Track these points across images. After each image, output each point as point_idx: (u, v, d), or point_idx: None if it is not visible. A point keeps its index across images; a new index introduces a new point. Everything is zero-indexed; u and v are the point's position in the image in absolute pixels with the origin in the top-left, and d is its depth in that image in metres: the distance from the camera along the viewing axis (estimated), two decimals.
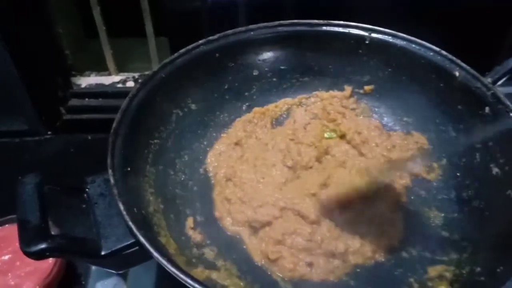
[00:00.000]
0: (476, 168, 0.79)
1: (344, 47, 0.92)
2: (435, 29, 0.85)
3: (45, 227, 0.60)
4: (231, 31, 0.90)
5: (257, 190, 0.80)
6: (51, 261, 0.80)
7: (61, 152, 1.10)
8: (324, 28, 0.91)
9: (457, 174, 0.80)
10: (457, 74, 0.83)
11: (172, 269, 0.57)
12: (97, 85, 1.22)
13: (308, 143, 0.86)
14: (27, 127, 1.11)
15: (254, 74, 0.94)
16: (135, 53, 1.27)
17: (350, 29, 0.91)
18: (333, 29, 0.91)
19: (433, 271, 0.72)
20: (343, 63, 0.94)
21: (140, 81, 0.80)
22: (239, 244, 0.76)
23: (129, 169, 0.70)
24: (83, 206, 0.69)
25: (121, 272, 0.77)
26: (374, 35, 0.90)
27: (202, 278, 0.67)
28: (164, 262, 0.57)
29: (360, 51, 0.91)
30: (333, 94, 0.96)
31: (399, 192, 0.81)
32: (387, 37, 0.89)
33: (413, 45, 0.87)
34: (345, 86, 0.95)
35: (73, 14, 1.21)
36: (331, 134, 0.89)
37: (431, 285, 0.70)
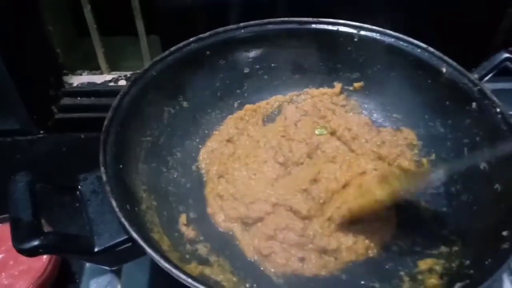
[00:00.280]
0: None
1: (333, 45, 0.92)
2: (423, 26, 0.86)
3: (37, 224, 0.60)
4: (222, 29, 0.91)
5: (249, 186, 0.80)
6: (45, 260, 0.79)
7: (53, 151, 1.09)
8: (313, 26, 0.92)
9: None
10: (444, 70, 0.84)
11: (165, 265, 0.57)
12: (89, 83, 1.21)
13: (299, 139, 0.87)
14: (19, 126, 1.10)
15: (245, 71, 0.95)
16: (126, 52, 1.26)
17: (339, 27, 0.92)
18: (322, 27, 0.92)
19: (423, 264, 0.72)
20: (332, 60, 0.95)
21: (131, 79, 0.80)
22: (232, 240, 0.76)
23: (121, 167, 0.70)
24: (76, 204, 0.69)
25: (114, 268, 0.77)
26: (362, 32, 0.91)
27: (195, 274, 0.67)
28: (157, 258, 0.58)
29: (349, 48, 0.92)
30: (323, 91, 0.97)
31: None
32: (375, 35, 0.90)
33: (401, 42, 0.88)
34: (335, 83, 0.96)
35: (64, 12, 1.20)
36: (321, 130, 0.89)
37: (421, 278, 0.71)
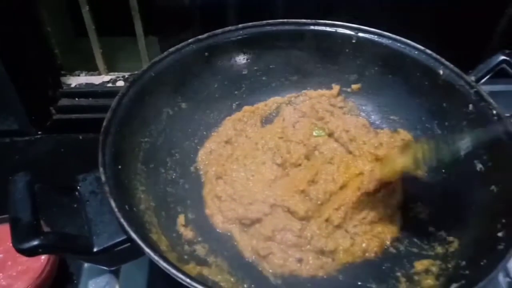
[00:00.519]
0: (460, 164, 0.81)
1: (331, 46, 0.93)
2: (420, 28, 0.86)
3: (37, 224, 0.60)
4: (220, 30, 0.91)
5: (247, 187, 0.81)
6: (43, 260, 0.79)
7: (52, 152, 1.09)
8: (311, 27, 0.92)
9: (443, 170, 0.81)
10: (441, 72, 0.84)
11: (164, 265, 0.57)
12: (87, 84, 1.21)
13: (297, 141, 0.87)
14: (17, 127, 1.10)
15: (243, 73, 0.95)
16: (124, 52, 1.26)
17: (337, 29, 0.92)
18: (320, 28, 0.92)
19: (420, 265, 0.73)
20: (330, 62, 0.95)
21: (129, 80, 0.80)
22: (230, 240, 0.77)
23: (120, 167, 0.71)
24: (75, 204, 0.69)
25: (113, 268, 0.77)
26: (360, 34, 0.91)
27: (193, 274, 0.67)
28: (156, 258, 0.58)
29: (347, 50, 0.93)
30: (321, 92, 0.97)
31: (398, 191, 0.82)
32: (373, 36, 0.90)
33: (399, 44, 0.89)
34: (333, 85, 0.97)
35: (62, 13, 1.20)
36: (319, 132, 0.89)
37: (417, 279, 0.71)
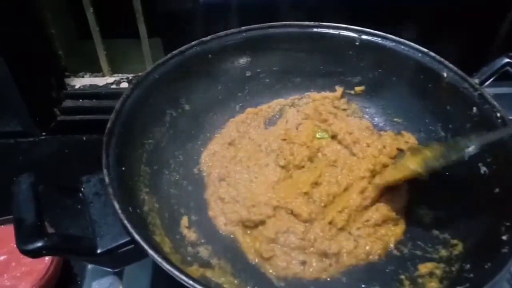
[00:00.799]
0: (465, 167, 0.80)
1: (334, 49, 0.93)
2: (424, 30, 0.86)
3: (41, 226, 0.60)
4: (224, 33, 0.91)
5: (250, 189, 0.81)
6: (47, 262, 0.79)
7: (56, 153, 1.09)
8: (315, 29, 0.93)
9: (446, 173, 0.80)
10: (445, 75, 0.84)
11: (167, 267, 0.57)
12: (91, 86, 1.22)
13: (300, 143, 0.87)
14: (21, 128, 1.10)
15: (246, 75, 0.95)
16: (128, 54, 1.27)
17: (340, 31, 0.92)
18: (323, 30, 0.92)
19: (424, 268, 0.73)
20: (334, 64, 0.95)
21: (133, 81, 0.80)
22: (233, 242, 0.77)
23: (123, 169, 0.71)
24: (78, 205, 0.69)
25: (117, 270, 0.77)
26: (364, 36, 0.91)
27: (197, 276, 0.68)
28: (159, 260, 0.58)
29: (350, 52, 0.93)
30: (324, 95, 0.97)
31: (402, 194, 0.82)
32: (376, 39, 0.91)
33: (402, 47, 0.88)
34: (336, 87, 0.97)
35: (66, 15, 1.21)
36: (322, 134, 0.90)
37: (421, 281, 0.71)
